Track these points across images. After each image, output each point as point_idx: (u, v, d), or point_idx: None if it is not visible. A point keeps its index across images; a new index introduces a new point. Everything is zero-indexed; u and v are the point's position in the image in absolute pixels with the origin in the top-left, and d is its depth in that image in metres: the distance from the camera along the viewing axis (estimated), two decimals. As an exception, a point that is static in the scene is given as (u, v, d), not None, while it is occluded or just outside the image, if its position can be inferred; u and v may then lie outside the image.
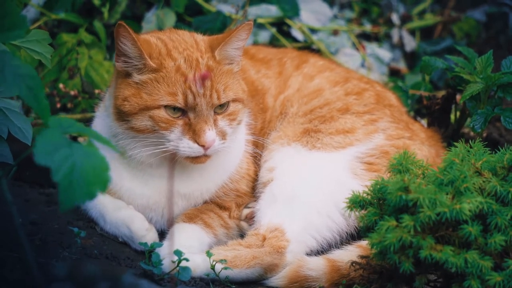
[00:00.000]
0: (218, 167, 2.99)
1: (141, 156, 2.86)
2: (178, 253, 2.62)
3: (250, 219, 3.00)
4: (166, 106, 2.76)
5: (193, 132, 2.76)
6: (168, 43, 2.86)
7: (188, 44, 2.86)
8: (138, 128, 2.80)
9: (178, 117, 2.78)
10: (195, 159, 2.81)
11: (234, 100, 2.86)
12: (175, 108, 2.77)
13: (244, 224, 3.02)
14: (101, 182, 2.00)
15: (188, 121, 2.78)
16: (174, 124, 2.77)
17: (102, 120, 3.01)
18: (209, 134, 2.75)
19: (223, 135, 2.82)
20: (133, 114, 2.79)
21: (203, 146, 2.76)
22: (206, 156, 2.81)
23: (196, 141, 2.76)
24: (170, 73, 2.77)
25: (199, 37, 2.94)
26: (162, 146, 2.79)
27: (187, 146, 2.77)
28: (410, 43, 4.34)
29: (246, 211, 3.04)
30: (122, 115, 2.81)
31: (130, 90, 2.80)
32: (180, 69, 2.78)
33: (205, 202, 3.03)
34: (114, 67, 2.95)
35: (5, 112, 2.73)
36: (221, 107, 2.82)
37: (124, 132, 2.84)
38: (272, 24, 4.07)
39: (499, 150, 2.57)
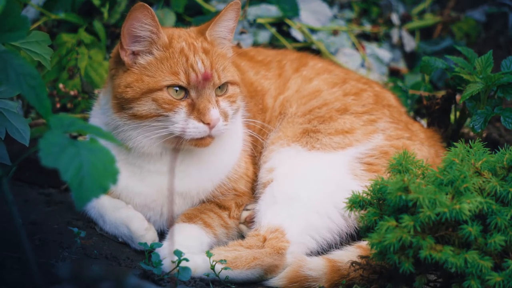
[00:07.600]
0: (216, 164, 3.00)
1: (142, 146, 2.86)
2: (178, 253, 2.62)
3: (249, 222, 2.99)
4: (168, 87, 2.79)
5: (198, 112, 2.79)
6: (166, 30, 2.94)
7: (182, 32, 2.95)
8: (141, 114, 2.81)
9: (181, 98, 2.81)
10: (200, 141, 2.83)
11: (232, 83, 2.92)
12: (178, 89, 2.80)
13: (243, 227, 3.01)
14: (111, 175, 2.03)
15: (191, 102, 2.81)
16: (178, 105, 2.80)
17: (97, 118, 3.02)
18: (214, 112, 2.79)
19: (225, 116, 2.86)
20: (136, 99, 2.81)
21: (208, 124, 2.78)
22: (210, 137, 2.83)
23: (201, 120, 2.79)
24: (174, 53, 2.83)
25: (187, 29, 3.01)
26: (166, 130, 2.80)
27: (192, 126, 2.79)
28: (410, 43, 4.34)
29: (245, 214, 3.03)
30: (123, 104, 2.83)
31: (132, 76, 2.83)
32: (183, 51, 2.84)
33: (202, 202, 3.03)
34: (111, 62, 2.96)
35: (3, 112, 2.73)
36: (221, 90, 2.88)
37: (126, 123, 2.85)
38: (272, 24, 4.06)
39: (499, 150, 2.57)
